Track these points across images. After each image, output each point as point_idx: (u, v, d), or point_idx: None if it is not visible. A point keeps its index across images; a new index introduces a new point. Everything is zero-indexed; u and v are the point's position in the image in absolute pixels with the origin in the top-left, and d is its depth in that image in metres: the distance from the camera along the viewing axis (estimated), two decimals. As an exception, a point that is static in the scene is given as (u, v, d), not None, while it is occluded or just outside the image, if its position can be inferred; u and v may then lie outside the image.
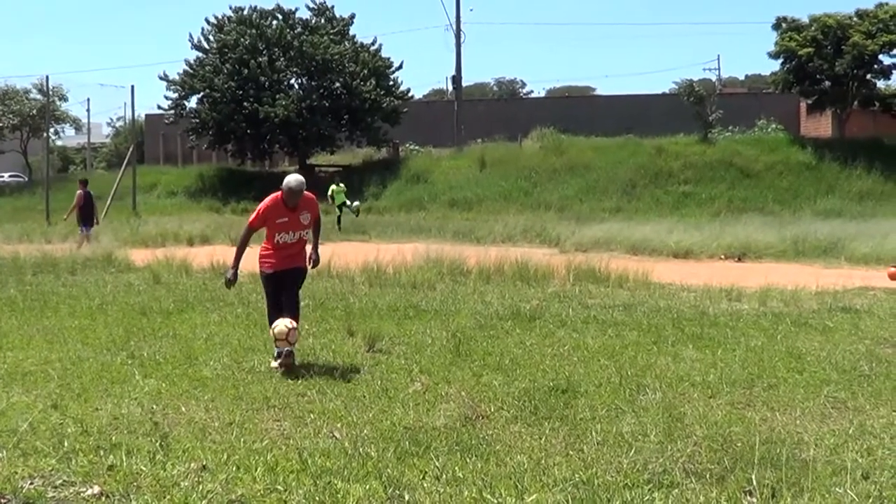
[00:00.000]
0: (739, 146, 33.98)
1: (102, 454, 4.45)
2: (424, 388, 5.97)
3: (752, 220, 23.10)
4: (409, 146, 41.24)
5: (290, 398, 5.74)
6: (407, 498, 3.89)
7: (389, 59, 39.84)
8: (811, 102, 36.23)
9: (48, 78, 40.58)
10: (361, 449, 4.56)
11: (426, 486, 4.04)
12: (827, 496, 3.91)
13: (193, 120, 38.54)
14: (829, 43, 32.96)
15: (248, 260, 7.20)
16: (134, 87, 65.04)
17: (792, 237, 18.28)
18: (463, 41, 41.96)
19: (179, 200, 37.22)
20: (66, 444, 4.62)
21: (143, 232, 21.79)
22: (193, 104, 39.02)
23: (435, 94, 66.33)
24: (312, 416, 5.30)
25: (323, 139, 37.97)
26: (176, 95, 38.95)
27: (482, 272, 12.46)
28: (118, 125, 63.76)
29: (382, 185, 35.52)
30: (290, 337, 6.50)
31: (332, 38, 38.38)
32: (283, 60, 37.45)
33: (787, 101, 39.51)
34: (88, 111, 63.78)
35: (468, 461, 4.39)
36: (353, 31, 40.30)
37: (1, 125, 48.91)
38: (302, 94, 37.30)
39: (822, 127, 38.66)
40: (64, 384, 6.06)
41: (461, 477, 4.15)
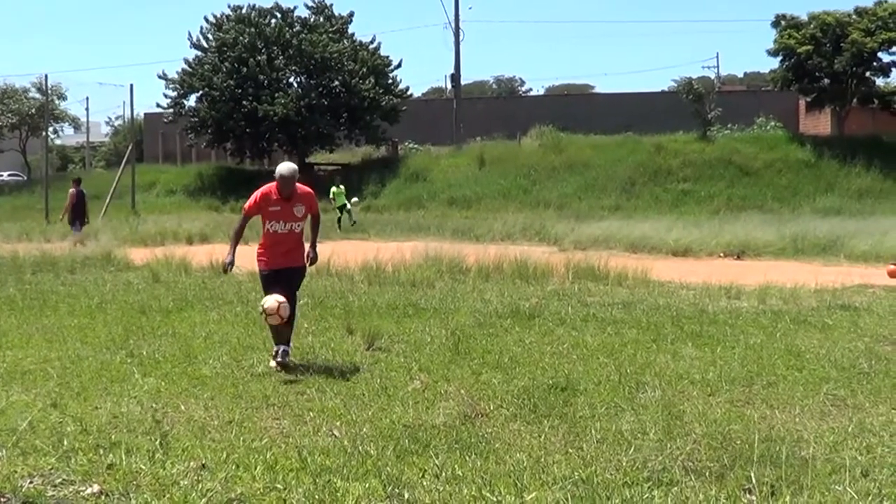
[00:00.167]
0: (738, 144, 33.99)
1: (102, 453, 4.45)
2: (424, 386, 5.98)
3: (751, 217, 23.08)
4: (408, 144, 41.23)
5: (289, 396, 5.74)
6: (406, 496, 3.89)
7: (388, 57, 39.88)
8: (810, 100, 36.26)
9: (47, 77, 40.62)
10: (361, 447, 4.56)
11: (425, 484, 4.04)
12: (826, 494, 3.91)
13: (192, 118, 38.54)
14: (828, 40, 32.97)
15: (248, 259, 7.21)
16: (133, 85, 64.78)
17: (791, 235, 18.28)
18: (462, 39, 41.98)
19: (178, 199, 37.24)
20: (65, 442, 4.62)
21: (142, 231, 21.77)
22: (192, 103, 39.04)
23: (434, 92, 66.26)
24: (312, 414, 5.30)
25: (322, 138, 37.97)
26: (175, 94, 38.94)
27: (481, 270, 12.46)
28: (117, 124, 63.80)
29: (381, 183, 35.52)
30: (280, 311, 6.44)
31: (330, 36, 38.37)
32: (281, 59, 37.44)
33: (786, 98, 39.52)
34: (87, 110, 63.77)
35: (467, 459, 4.39)
36: (351, 29, 40.39)
37: (0, 124, 48.90)
38: (301, 92, 37.29)
39: (821, 125, 38.69)
40: (63, 383, 6.05)
41: (460, 475, 4.15)
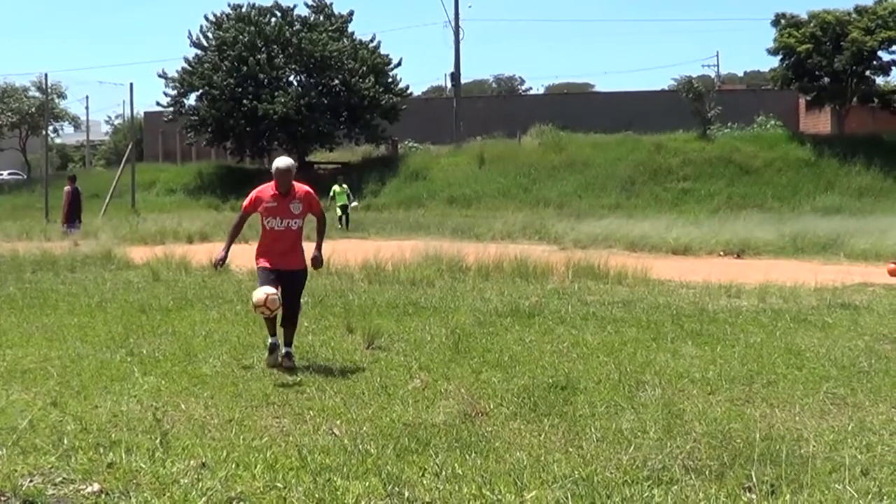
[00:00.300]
0: (738, 143, 33.98)
1: (102, 451, 4.45)
2: (424, 384, 5.98)
3: (751, 216, 23.07)
4: (407, 143, 41.21)
5: (289, 395, 5.74)
6: (406, 495, 3.89)
7: (388, 55, 39.87)
8: (810, 99, 36.25)
9: (47, 76, 40.60)
10: (361, 446, 4.56)
11: (425, 482, 4.04)
12: (826, 492, 3.91)
13: (192, 117, 38.55)
14: (828, 39, 32.95)
15: (248, 258, 7.20)
16: (133, 84, 64.97)
17: (791, 234, 18.26)
18: (462, 38, 41.99)
19: (178, 198, 37.24)
20: (65, 441, 4.62)
21: (142, 229, 21.74)
22: (192, 101, 39.05)
23: (434, 90, 66.24)
24: (312, 413, 5.30)
25: (322, 136, 37.95)
26: (175, 93, 38.93)
27: (481, 269, 12.46)
28: (117, 123, 63.76)
29: (381, 182, 35.50)
30: (268, 303, 6.37)
31: (330, 35, 38.35)
32: (281, 57, 37.42)
33: (786, 97, 39.52)
34: (87, 109, 63.87)
35: (467, 458, 4.39)
36: (351, 27, 40.38)
37: (0, 123, 48.90)
38: (301, 91, 37.28)
39: (821, 123, 38.67)
40: (63, 382, 6.05)
41: (461, 473, 4.15)
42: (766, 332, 8.02)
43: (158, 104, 40.63)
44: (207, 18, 39.44)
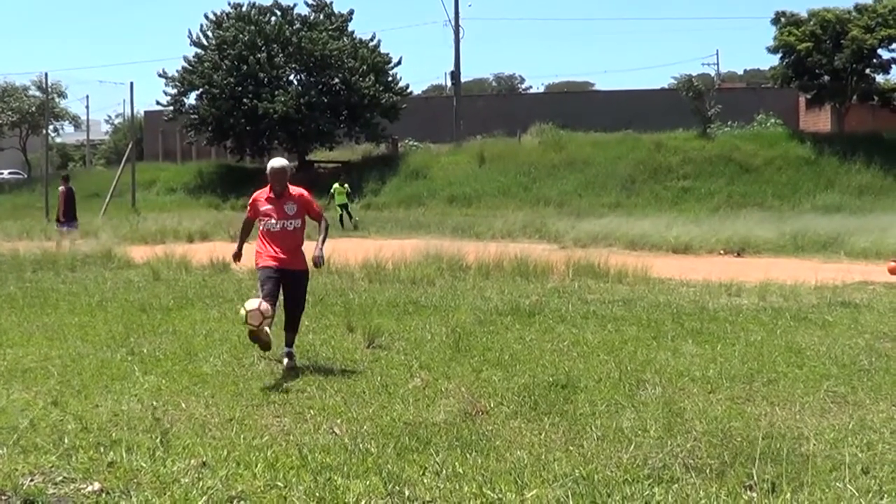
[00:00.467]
0: (738, 141, 33.97)
1: (102, 451, 4.45)
2: (424, 383, 5.98)
3: (751, 214, 23.07)
4: (407, 142, 41.21)
5: (289, 394, 5.74)
6: (407, 493, 3.89)
7: (388, 54, 39.87)
8: (810, 97, 36.23)
9: (47, 75, 40.83)
10: (361, 445, 4.56)
11: (426, 481, 4.04)
12: (827, 491, 3.91)
13: (192, 116, 38.56)
14: (827, 37, 32.94)
15: (248, 259, 7.20)
16: (133, 83, 64.53)
17: (791, 232, 18.27)
18: (462, 37, 42.00)
19: (179, 197, 37.26)
20: (66, 440, 4.62)
21: (142, 228, 21.78)
22: (192, 101, 39.08)
23: (434, 89, 66.21)
24: (312, 412, 5.30)
25: (322, 135, 37.95)
26: (175, 92, 38.95)
27: (481, 268, 12.46)
28: (117, 122, 63.77)
29: (381, 181, 35.50)
30: (262, 310, 6.18)
31: (330, 34, 38.35)
32: (281, 57, 37.41)
33: (786, 95, 39.51)
34: (87, 108, 64.26)
35: (468, 457, 4.39)
36: (351, 27, 40.38)
37: (0, 122, 48.92)
38: (301, 90, 37.28)
39: (821, 121, 38.66)
40: (64, 381, 6.05)
41: (461, 472, 4.15)
42: (766, 330, 8.03)
43: (158, 103, 40.67)
44: (207, 17, 39.51)
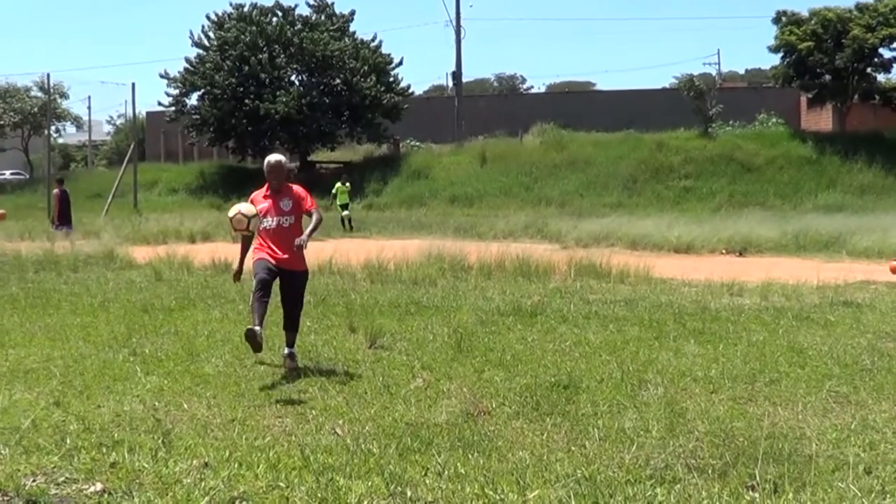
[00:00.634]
0: (740, 140, 33.96)
1: (105, 451, 4.46)
2: (426, 384, 5.97)
3: (752, 214, 23.05)
4: (409, 142, 41.22)
5: (291, 395, 5.75)
6: (409, 494, 3.89)
7: (390, 55, 39.88)
8: (811, 96, 36.20)
9: (49, 76, 40.85)
10: (363, 445, 4.56)
11: (428, 482, 4.04)
12: (829, 491, 3.91)
13: (194, 117, 38.59)
14: (829, 37, 32.92)
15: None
16: (135, 84, 64.51)
17: (793, 231, 18.26)
18: (463, 37, 42.01)
19: (180, 197, 37.28)
20: (68, 441, 4.63)
21: (144, 229, 21.77)
22: (194, 101, 39.10)
23: (435, 90, 66.19)
24: (314, 412, 5.30)
25: (323, 136, 37.98)
26: (177, 92, 38.99)
27: (483, 268, 12.46)
28: (119, 123, 63.82)
29: (383, 181, 35.51)
30: (244, 210, 6.60)
31: (332, 34, 38.35)
32: (283, 57, 37.43)
33: (787, 95, 39.48)
34: (89, 109, 63.89)
35: (470, 457, 4.39)
36: (353, 27, 40.39)
37: (2, 123, 49.03)
38: (302, 90, 37.29)
39: (822, 121, 38.63)
40: (66, 381, 6.06)
41: (463, 473, 4.15)
42: (768, 330, 8.02)
43: (160, 104, 40.72)
44: (209, 18, 39.53)
